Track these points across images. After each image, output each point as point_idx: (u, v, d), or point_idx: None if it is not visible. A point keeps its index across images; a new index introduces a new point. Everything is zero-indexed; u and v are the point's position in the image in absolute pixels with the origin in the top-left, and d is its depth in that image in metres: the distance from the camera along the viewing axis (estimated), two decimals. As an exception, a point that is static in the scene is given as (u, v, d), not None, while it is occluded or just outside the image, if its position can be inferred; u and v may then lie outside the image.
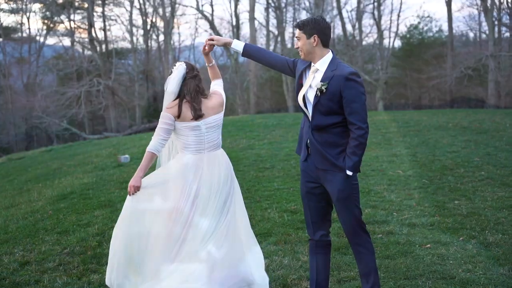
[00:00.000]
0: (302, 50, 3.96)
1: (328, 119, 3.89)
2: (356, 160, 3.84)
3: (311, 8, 36.08)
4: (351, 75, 3.80)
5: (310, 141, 4.00)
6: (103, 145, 18.43)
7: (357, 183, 3.98)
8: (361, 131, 3.80)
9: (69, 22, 39.55)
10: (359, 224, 4.01)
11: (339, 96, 3.83)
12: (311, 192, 4.10)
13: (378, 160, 10.37)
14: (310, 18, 3.93)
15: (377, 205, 7.17)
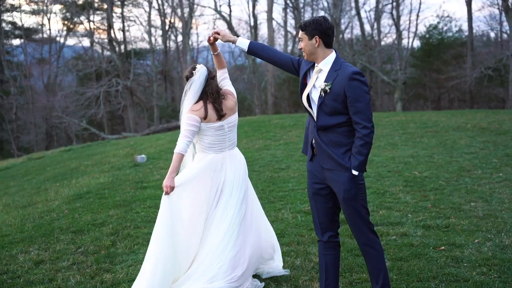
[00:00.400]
0: (305, 51, 3.97)
1: (333, 119, 3.88)
2: (361, 160, 3.81)
3: (329, 8, 35.95)
4: (355, 74, 3.79)
5: (316, 141, 3.99)
6: (120, 145, 18.54)
7: (363, 183, 3.96)
8: (366, 130, 3.79)
9: (88, 23, 39.90)
10: (367, 224, 3.98)
11: (343, 96, 3.81)
12: (318, 193, 4.08)
13: (394, 161, 10.29)
14: (312, 19, 3.92)
15: (392, 207, 7.12)
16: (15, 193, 11.39)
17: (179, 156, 4.40)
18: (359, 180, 3.91)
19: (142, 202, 8.09)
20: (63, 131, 41.56)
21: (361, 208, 3.95)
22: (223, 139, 4.64)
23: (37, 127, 41.94)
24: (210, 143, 4.61)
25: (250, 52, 4.34)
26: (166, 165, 11.43)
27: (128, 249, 5.94)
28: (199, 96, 4.59)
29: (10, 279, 5.27)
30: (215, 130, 4.57)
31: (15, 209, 8.79)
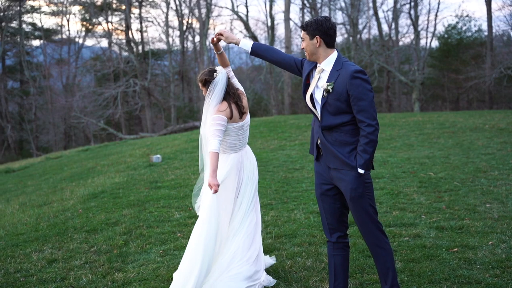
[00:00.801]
0: (307, 51, 3.99)
1: (337, 118, 3.88)
2: (367, 158, 3.80)
3: (346, 8, 35.80)
4: (357, 73, 3.78)
5: (321, 140, 3.99)
6: (137, 145, 18.65)
7: (370, 181, 3.94)
8: (371, 128, 3.77)
9: (106, 23, 40.19)
10: (375, 223, 3.96)
11: (346, 95, 3.81)
12: (326, 194, 4.07)
13: (409, 162, 10.21)
14: (314, 19, 3.93)
15: (405, 207, 7.06)
16: (32, 192, 11.52)
17: (216, 155, 4.46)
18: (365, 179, 3.89)
19: (155, 202, 8.12)
20: (81, 131, 41.95)
21: (369, 207, 3.92)
22: (243, 138, 4.82)
23: (55, 127, 42.39)
24: (232, 143, 4.77)
25: (253, 53, 4.34)
26: (181, 165, 11.48)
27: (140, 249, 5.96)
28: (223, 97, 4.69)
29: (23, 277, 5.32)
30: (237, 129, 4.73)
31: (31, 208, 8.89)
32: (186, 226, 6.78)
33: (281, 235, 6.19)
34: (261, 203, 7.64)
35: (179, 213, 7.41)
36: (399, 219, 6.52)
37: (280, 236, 6.16)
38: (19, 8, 43.30)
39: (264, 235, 6.22)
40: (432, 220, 6.42)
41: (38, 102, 42.63)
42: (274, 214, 7.08)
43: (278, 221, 6.75)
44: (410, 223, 6.36)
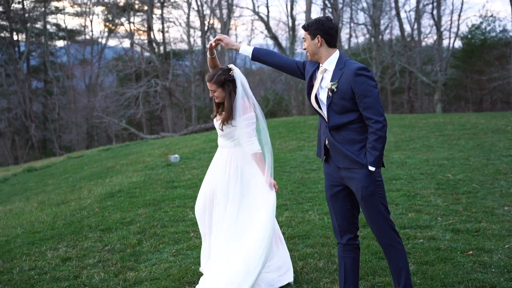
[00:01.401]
0: (308, 51, 3.97)
1: (344, 117, 3.85)
2: (377, 155, 3.76)
3: (368, 8, 35.57)
4: (360, 70, 3.76)
5: (329, 141, 3.96)
6: (157, 145, 18.75)
7: (381, 180, 3.92)
8: (379, 124, 3.74)
9: (129, 24, 40.51)
10: (387, 222, 3.92)
11: (351, 93, 3.79)
12: (336, 195, 4.04)
13: (428, 164, 10.10)
14: (315, 19, 3.92)
15: (421, 209, 6.98)
16: (51, 191, 11.66)
17: (261, 155, 4.69)
18: (376, 177, 3.86)
19: (171, 201, 8.15)
20: (104, 131, 42.33)
21: (381, 205, 3.89)
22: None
23: (78, 127, 42.87)
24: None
25: (254, 59, 4.30)
26: (198, 165, 11.50)
27: (153, 248, 5.98)
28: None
29: (37, 275, 5.38)
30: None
31: (49, 207, 8.99)
32: (200, 226, 6.78)
33: (294, 236, 6.16)
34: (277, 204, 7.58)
35: (194, 213, 7.41)
36: (415, 221, 6.44)
37: (293, 237, 6.13)
38: (43, 9, 43.92)
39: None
40: (448, 223, 6.34)
41: (61, 102, 43.17)
42: (289, 215, 7.05)
43: (292, 222, 6.72)
44: (425, 225, 6.29)
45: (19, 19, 43.13)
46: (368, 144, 3.81)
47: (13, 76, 41.47)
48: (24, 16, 43.46)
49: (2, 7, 43.61)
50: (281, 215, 7.06)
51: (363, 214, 3.99)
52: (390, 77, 35.27)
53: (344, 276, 4.17)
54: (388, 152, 11.77)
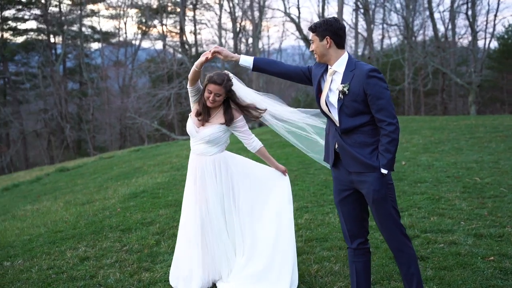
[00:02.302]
0: (317, 53, 3.87)
1: (356, 120, 3.77)
2: (390, 158, 3.69)
3: (402, 9, 35.15)
4: (372, 71, 3.69)
5: (339, 145, 3.88)
6: (185, 146, 18.85)
7: (392, 183, 3.85)
8: (392, 126, 3.67)
9: (161, 26, 40.92)
10: (398, 226, 3.84)
11: (363, 95, 3.71)
12: (345, 200, 3.97)
13: (455, 167, 9.88)
14: (323, 20, 3.84)
15: (444, 213, 6.82)
16: (79, 190, 11.81)
17: (264, 148, 4.98)
18: (388, 180, 3.79)
19: (193, 202, 8.15)
20: (136, 132, 42.83)
21: (392, 209, 3.81)
22: None
23: (111, 127, 43.50)
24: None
25: (255, 69, 4.20)
26: (223, 166, 11.49)
27: (171, 249, 5.99)
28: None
29: (54, 274, 5.44)
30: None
31: (74, 206, 9.11)
32: (219, 227, 6.77)
33: (312, 239, 6.09)
34: (297, 206, 7.57)
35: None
36: (436, 225, 6.30)
37: (311, 240, 6.07)
38: (80, 12, 44.74)
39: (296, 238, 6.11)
40: (471, 227, 6.18)
41: (96, 103, 43.87)
42: (308, 217, 6.98)
43: (311, 224, 6.65)
44: (447, 230, 6.14)
45: (56, 22, 44.03)
46: (380, 146, 3.74)
47: (50, 78, 42.35)
48: (61, 19, 44.33)
49: (40, 11, 44.60)
50: (300, 217, 6.99)
51: (374, 218, 3.91)
52: (423, 79, 34.77)
53: (356, 281, 4.09)
54: (416, 154, 11.58)
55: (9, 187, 17.76)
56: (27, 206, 10.77)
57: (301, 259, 5.43)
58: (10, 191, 16.69)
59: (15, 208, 10.84)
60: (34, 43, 43.63)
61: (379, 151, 3.74)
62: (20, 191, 15.77)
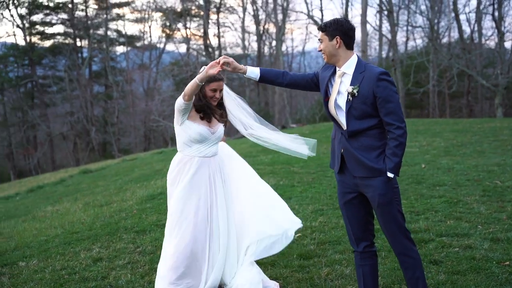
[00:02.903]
0: (325, 53, 3.81)
1: (363, 123, 3.72)
2: (397, 161, 3.64)
3: (427, 10, 34.78)
4: (383, 74, 3.64)
5: (345, 149, 3.82)
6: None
7: (397, 186, 3.79)
8: (400, 130, 3.63)
9: (185, 29, 41.18)
10: (402, 231, 3.78)
11: (373, 98, 3.66)
12: (350, 202, 3.92)
13: (476, 170, 9.72)
14: (333, 20, 3.78)
15: (462, 217, 6.70)
16: (99, 192, 11.93)
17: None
18: (394, 184, 3.74)
19: (208, 204, 8.16)
20: (160, 134, 43.16)
21: (397, 213, 3.76)
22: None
23: (136, 130, 43.92)
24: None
25: (261, 80, 4.12)
26: (242, 169, 11.50)
27: (183, 250, 5.99)
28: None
29: (67, 275, 5.49)
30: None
31: (92, 208, 9.19)
32: (232, 229, 6.76)
33: (325, 242, 6.04)
34: (313, 209, 7.53)
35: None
36: (453, 229, 6.19)
37: (323, 243, 6.01)
38: (105, 16, 45.32)
39: (308, 241, 6.11)
40: (488, 231, 6.05)
41: (121, 106, 44.35)
42: (323, 220, 6.93)
43: (325, 227, 6.60)
44: (463, 234, 6.03)
45: (82, 26, 44.71)
46: (388, 150, 3.69)
47: (76, 81, 42.96)
48: (87, 23, 44.98)
49: (67, 15, 45.31)
50: (315, 219, 6.94)
51: (378, 221, 3.85)
52: (448, 81, 34.33)
53: (364, 285, 4.03)
54: (436, 157, 11.43)
55: (34, 188, 18.06)
56: (48, 207, 10.92)
57: (312, 262, 5.39)
58: (35, 192, 16.97)
59: (36, 209, 11.00)
60: (61, 47, 44.37)
61: (386, 154, 3.69)
62: (44, 193, 16.02)
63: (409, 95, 34.84)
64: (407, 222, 6.59)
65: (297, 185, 9.35)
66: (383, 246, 5.67)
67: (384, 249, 5.61)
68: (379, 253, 5.45)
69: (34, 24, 45.43)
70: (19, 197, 16.67)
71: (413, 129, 17.03)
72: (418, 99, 35.65)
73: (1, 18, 44.19)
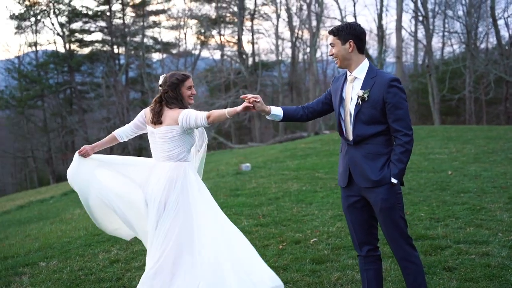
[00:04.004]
0: (338, 57, 3.83)
1: (370, 128, 3.73)
2: (401, 168, 3.66)
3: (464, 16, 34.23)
4: (393, 81, 3.66)
5: (351, 159, 3.83)
6: (237, 154, 19.05)
7: (401, 192, 3.78)
8: (407, 137, 3.65)
9: (219, 36, 41.52)
10: (404, 237, 3.77)
11: (382, 103, 3.67)
12: (353, 206, 3.92)
13: (504, 177, 9.52)
14: (345, 24, 3.81)
15: (482, 224, 6.58)
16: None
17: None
18: (397, 190, 3.73)
19: (228, 209, 8.22)
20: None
21: (399, 219, 3.74)
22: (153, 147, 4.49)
23: (171, 136, 44.30)
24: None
25: (285, 119, 4.11)
26: (267, 174, 11.56)
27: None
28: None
29: (84, 275, 5.61)
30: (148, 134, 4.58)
31: (117, 211, 9.33)
32: (250, 233, 6.80)
33: (340, 247, 6.02)
34: (332, 214, 7.52)
35: (247, 221, 7.46)
36: (471, 236, 6.09)
37: (338, 248, 6.00)
38: (142, 24, 46.06)
39: (323, 246, 6.10)
40: (508, 239, 5.93)
41: (156, 112, 44.79)
42: (340, 226, 6.90)
43: (342, 233, 6.57)
44: (482, 241, 5.92)
45: (120, 34, 45.49)
46: (393, 155, 3.70)
47: (113, 88, 43.71)
48: (124, 31, 45.76)
49: (105, 23, 46.24)
50: (333, 225, 6.93)
51: (381, 227, 3.84)
52: (485, 87, 33.67)
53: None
54: (465, 164, 11.24)
55: (68, 192, 18.42)
56: (76, 210, 11.16)
57: (324, 266, 5.39)
58: (68, 196, 17.31)
59: (65, 212, 11.25)
60: (99, 54, 45.22)
61: (392, 160, 3.71)
62: (76, 196, 16.25)
63: (444, 101, 34.30)
64: (426, 228, 6.52)
65: (320, 190, 9.33)
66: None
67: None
68: (391, 259, 5.41)
69: (74, 32, 46.45)
70: (53, 200, 17.06)
71: (445, 135, 16.79)
72: (454, 105, 35.08)
73: (43, 27, 45.42)
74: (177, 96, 4.41)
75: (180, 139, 4.37)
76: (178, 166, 4.37)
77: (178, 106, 4.39)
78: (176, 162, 4.39)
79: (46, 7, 44.23)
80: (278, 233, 6.77)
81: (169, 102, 4.40)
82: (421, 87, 35.61)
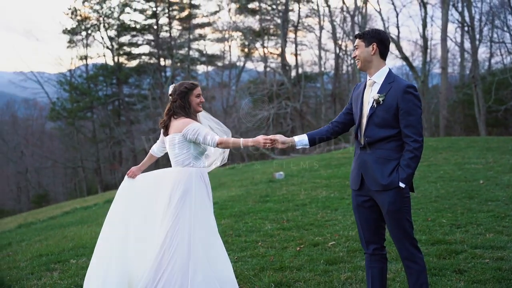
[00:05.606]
0: (360, 59, 3.99)
1: (382, 131, 3.88)
2: (410, 173, 3.79)
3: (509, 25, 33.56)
4: (410, 88, 3.81)
5: (363, 162, 3.99)
6: (275, 164, 19.22)
7: (408, 195, 3.90)
8: (417, 144, 3.78)
9: (262, 48, 41.94)
10: (409, 238, 3.89)
11: (396, 108, 3.82)
12: (362, 206, 4.07)
13: (536, 186, 9.40)
14: (372, 29, 3.99)
15: (503, 231, 6.57)
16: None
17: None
18: (404, 193, 3.87)
19: (255, 213, 8.44)
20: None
21: (405, 221, 3.88)
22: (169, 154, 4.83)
23: (213, 147, 44.82)
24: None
25: (312, 143, 4.27)
26: (298, 182, 11.72)
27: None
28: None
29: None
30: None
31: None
32: (271, 236, 6.99)
33: (356, 250, 6.14)
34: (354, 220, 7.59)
35: (271, 225, 7.65)
36: (489, 242, 6.11)
37: (354, 251, 6.12)
38: (188, 36, 47.00)
39: (340, 248, 6.23)
40: (526, 245, 5.93)
41: (200, 123, 45.46)
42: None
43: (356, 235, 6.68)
44: (499, 246, 5.94)
45: (166, 46, 46.53)
46: (402, 161, 3.82)
47: (159, 100, 44.66)
48: (171, 44, 46.78)
49: (152, 36, 47.41)
50: (353, 230, 7.04)
51: (387, 227, 3.97)
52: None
53: (372, 287, 4.15)
54: (499, 174, 11.11)
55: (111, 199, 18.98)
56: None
57: (337, 267, 5.52)
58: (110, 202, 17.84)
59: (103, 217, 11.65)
60: (146, 67, 46.37)
61: (400, 165, 3.83)
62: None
63: (491, 112, 33.60)
64: (445, 234, 6.56)
65: (347, 197, 9.43)
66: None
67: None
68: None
69: (122, 45, 47.81)
70: (96, 207, 17.64)
71: (484, 146, 16.55)
72: (500, 117, 34.33)
73: (93, 40, 46.96)
74: (185, 105, 4.68)
75: (183, 145, 4.63)
76: (184, 171, 4.65)
77: (184, 115, 4.66)
78: (183, 167, 4.66)
79: (97, 21, 45.77)
80: (298, 236, 6.94)
81: (176, 113, 4.69)
82: (467, 98, 34.99)
